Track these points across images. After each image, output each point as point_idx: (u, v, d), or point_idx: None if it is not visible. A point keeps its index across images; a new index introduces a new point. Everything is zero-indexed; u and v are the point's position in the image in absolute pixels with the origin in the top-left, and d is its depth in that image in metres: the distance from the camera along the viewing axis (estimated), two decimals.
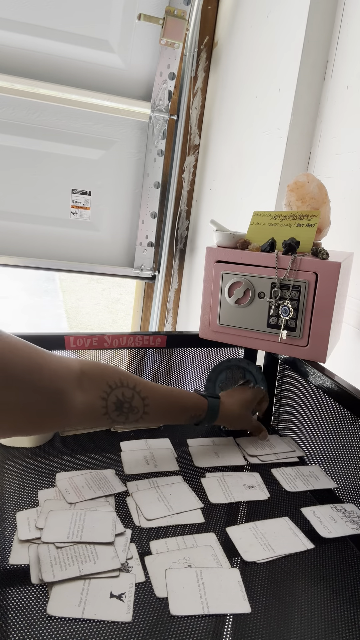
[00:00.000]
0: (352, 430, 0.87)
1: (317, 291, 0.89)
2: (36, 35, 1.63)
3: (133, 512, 0.77)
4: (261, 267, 0.94)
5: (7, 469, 0.86)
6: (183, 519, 0.76)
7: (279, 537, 0.74)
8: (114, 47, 1.71)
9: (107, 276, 2.02)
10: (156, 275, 2.01)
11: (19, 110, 1.71)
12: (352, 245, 1.08)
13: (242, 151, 1.56)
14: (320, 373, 0.93)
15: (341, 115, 1.15)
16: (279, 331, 0.94)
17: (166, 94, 1.79)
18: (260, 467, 0.93)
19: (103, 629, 0.56)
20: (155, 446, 0.97)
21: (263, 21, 1.44)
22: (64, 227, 1.87)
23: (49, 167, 1.79)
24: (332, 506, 0.82)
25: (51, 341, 1.02)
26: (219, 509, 0.80)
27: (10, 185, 1.77)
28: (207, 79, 1.90)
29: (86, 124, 1.79)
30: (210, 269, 1.00)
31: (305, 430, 1.02)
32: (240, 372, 1.11)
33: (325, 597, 0.64)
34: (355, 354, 1.06)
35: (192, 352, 1.16)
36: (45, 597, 0.60)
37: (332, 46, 1.19)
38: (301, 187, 0.99)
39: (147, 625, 0.57)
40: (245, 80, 1.56)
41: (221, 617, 0.59)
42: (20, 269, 1.89)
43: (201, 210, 1.94)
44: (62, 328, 5.55)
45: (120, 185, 1.90)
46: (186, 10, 1.65)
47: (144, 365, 1.14)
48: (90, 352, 1.06)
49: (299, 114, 1.24)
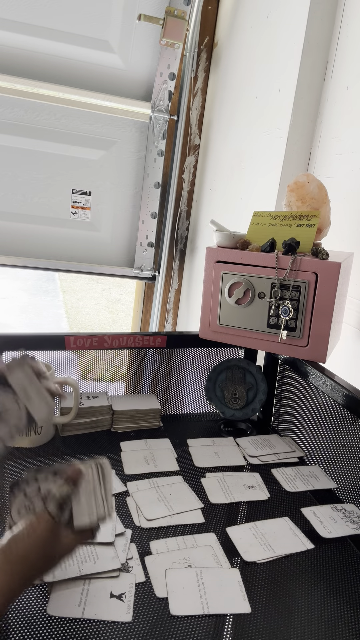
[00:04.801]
0: (352, 431, 0.87)
1: (317, 291, 0.89)
2: (36, 36, 1.63)
3: (133, 512, 0.77)
4: (261, 267, 0.94)
5: (7, 469, 0.86)
6: (183, 519, 0.76)
7: (279, 537, 0.74)
8: (114, 48, 1.71)
9: (107, 276, 2.02)
10: (156, 275, 2.01)
11: (20, 110, 1.71)
12: (352, 245, 1.08)
13: (242, 151, 1.56)
14: (320, 373, 0.93)
15: (341, 116, 1.15)
16: (279, 331, 0.94)
17: (166, 94, 1.79)
18: (260, 467, 0.93)
19: (103, 629, 0.56)
20: (155, 446, 0.97)
21: (263, 21, 1.44)
22: (64, 227, 1.87)
23: (49, 168, 1.79)
24: (332, 506, 0.82)
25: (51, 341, 1.02)
26: (219, 509, 0.80)
27: (11, 185, 1.77)
28: (207, 79, 1.90)
29: (86, 125, 1.79)
30: (210, 269, 1.00)
31: (305, 431, 1.02)
32: (240, 372, 1.11)
33: (325, 597, 0.64)
34: (355, 354, 1.06)
35: (192, 352, 1.16)
36: (45, 597, 0.60)
37: (332, 46, 1.19)
38: (301, 187, 0.99)
39: (147, 625, 0.57)
40: (245, 81, 1.56)
41: (221, 617, 0.59)
42: (20, 269, 1.89)
43: (201, 211, 1.94)
44: (62, 328, 5.54)
45: (121, 185, 1.90)
46: (186, 10, 1.65)
47: (144, 365, 1.14)
48: (90, 352, 1.06)
49: (299, 114, 1.24)
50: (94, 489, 0.57)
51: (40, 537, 0.52)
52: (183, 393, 1.18)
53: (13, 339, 1.00)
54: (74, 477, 0.56)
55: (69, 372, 1.08)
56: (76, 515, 0.55)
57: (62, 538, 0.54)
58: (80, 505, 0.56)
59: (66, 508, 0.55)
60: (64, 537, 0.54)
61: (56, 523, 0.53)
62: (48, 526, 0.52)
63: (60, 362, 1.05)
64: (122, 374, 1.19)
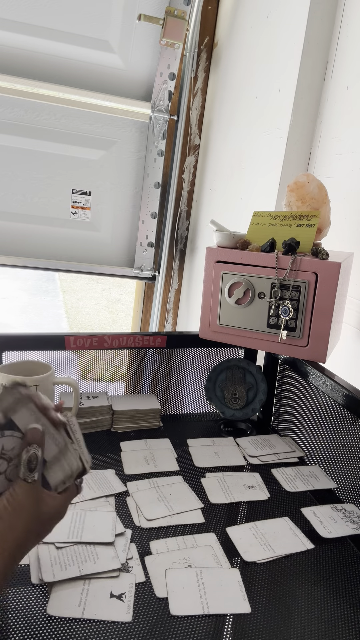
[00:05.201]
0: (352, 431, 0.87)
1: (317, 291, 0.89)
2: (36, 36, 1.63)
3: (133, 512, 0.77)
4: (261, 267, 0.94)
5: None
6: (183, 519, 0.76)
7: (279, 537, 0.74)
8: (114, 48, 1.71)
9: (107, 276, 2.02)
10: (156, 275, 2.01)
11: (19, 110, 1.71)
12: (352, 245, 1.08)
13: (242, 151, 1.57)
14: (320, 373, 0.93)
15: (341, 116, 1.15)
16: (279, 331, 0.94)
17: (166, 94, 1.79)
18: (260, 467, 0.93)
19: (103, 629, 0.56)
20: (155, 446, 0.97)
21: (263, 21, 1.44)
22: (64, 227, 1.87)
23: (49, 168, 1.79)
24: (332, 506, 0.82)
25: (51, 341, 1.02)
26: (219, 509, 0.80)
27: (11, 185, 1.77)
28: (207, 79, 1.90)
29: (86, 124, 1.79)
30: (210, 269, 1.00)
31: (305, 431, 1.02)
32: (240, 372, 1.11)
33: (325, 597, 0.64)
34: (355, 354, 1.06)
35: (192, 352, 1.16)
36: (45, 597, 0.60)
37: (332, 46, 1.19)
38: (301, 187, 0.99)
39: (147, 625, 0.57)
40: (245, 81, 1.56)
41: (221, 617, 0.59)
42: (20, 269, 1.89)
43: (201, 211, 1.94)
44: (62, 328, 5.54)
45: (121, 185, 1.90)
46: (186, 10, 1.65)
47: (144, 365, 1.14)
48: (90, 352, 1.06)
49: (299, 114, 1.24)
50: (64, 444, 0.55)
51: (22, 506, 0.50)
52: (183, 393, 1.18)
53: (13, 339, 1.00)
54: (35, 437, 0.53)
55: (69, 372, 1.08)
56: (49, 474, 0.54)
57: (45, 501, 0.52)
58: (51, 463, 0.54)
59: (36, 469, 0.52)
60: (48, 500, 0.53)
61: (33, 486, 0.51)
62: (26, 492, 0.51)
63: (60, 362, 1.05)
64: (122, 374, 1.19)
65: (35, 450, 0.53)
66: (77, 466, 0.55)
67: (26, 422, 0.54)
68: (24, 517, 0.51)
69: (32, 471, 0.52)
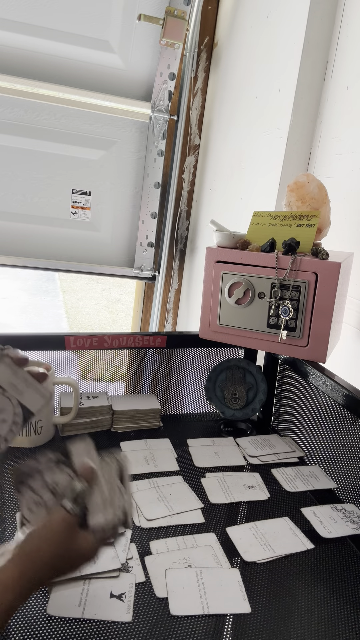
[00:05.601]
0: (352, 430, 0.87)
1: (317, 291, 0.89)
2: (36, 36, 1.63)
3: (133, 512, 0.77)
4: (261, 267, 0.94)
5: (7, 469, 0.86)
6: (183, 519, 0.76)
7: (279, 537, 0.74)
8: (114, 48, 1.71)
9: (107, 276, 2.02)
10: (156, 275, 2.01)
11: (19, 110, 1.71)
12: (352, 245, 1.08)
13: (242, 151, 1.56)
14: (320, 373, 0.93)
15: (341, 116, 1.15)
16: (279, 331, 0.94)
17: (166, 94, 1.79)
18: (260, 467, 0.93)
19: (103, 629, 0.56)
20: (155, 446, 0.97)
21: (263, 21, 1.44)
22: (64, 227, 1.87)
23: (49, 168, 1.79)
24: (332, 506, 0.82)
25: (51, 341, 1.02)
26: (219, 509, 0.80)
27: (11, 185, 1.77)
28: (207, 79, 1.90)
29: (86, 124, 1.79)
30: (210, 269, 1.00)
31: (305, 431, 1.02)
32: (240, 372, 1.11)
33: (325, 597, 0.64)
34: (355, 354, 1.06)
35: (192, 352, 1.16)
36: (45, 597, 0.60)
37: (332, 46, 1.19)
38: (301, 187, 0.99)
39: (147, 625, 0.57)
40: (245, 81, 1.56)
41: (221, 617, 0.59)
42: (20, 269, 1.89)
43: (201, 211, 1.94)
44: (62, 328, 5.54)
45: (121, 185, 1.90)
46: (186, 10, 1.65)
47: (144, 365, 1.14)
48: (90, 352, 1.06)
49: (299, 114, 1.24)
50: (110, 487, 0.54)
51: (55, 531, 0.49)
52: (183, 393, 1.18)
53: (13, 339, 1.00)
54: (87, 475, 0.54)
55: (69, 372, 1.08)
56: (91, 513, 0.52)
57: (79, 537, 0.50)
58: (95, 503, 0.53)
59: (79, 504, 0.52)
60: (81, 537, 0.51)
61: (72, 516, 0.50)
62: (63, 519, 0.50)
63: (60, 362, 1.05)
64: (122, 374, 1.19)
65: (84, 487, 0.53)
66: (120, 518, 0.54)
67: (3, 378, 0.54)
68: (55, 542, 0.49)
69: (75, 504, 0.52)
